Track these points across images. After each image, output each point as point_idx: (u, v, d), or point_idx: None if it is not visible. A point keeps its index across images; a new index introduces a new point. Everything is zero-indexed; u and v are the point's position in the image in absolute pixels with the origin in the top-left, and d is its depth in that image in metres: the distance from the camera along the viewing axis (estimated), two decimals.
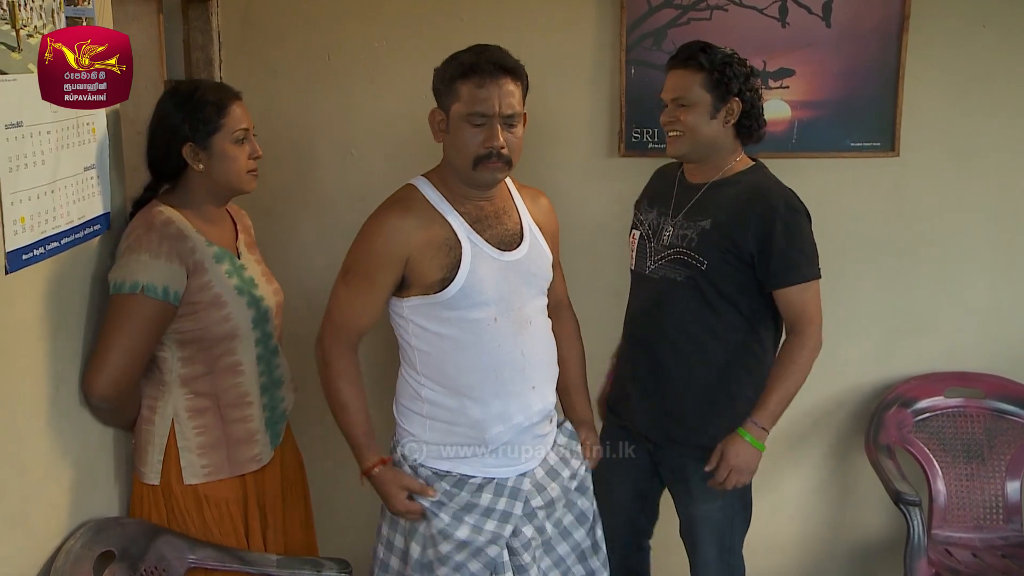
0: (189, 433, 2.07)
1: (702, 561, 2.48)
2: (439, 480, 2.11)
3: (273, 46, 2.93)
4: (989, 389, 3.02)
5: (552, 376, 2.21)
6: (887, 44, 2.86)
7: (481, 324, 2.05)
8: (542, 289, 2.17)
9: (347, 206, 2.99)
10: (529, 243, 2.14)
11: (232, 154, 2.06)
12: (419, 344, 2.10)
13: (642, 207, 2.51)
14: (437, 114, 2.07)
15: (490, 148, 2.00)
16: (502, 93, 1.99)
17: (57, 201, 1.82)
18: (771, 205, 2.25)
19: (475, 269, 2.03)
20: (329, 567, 2.18)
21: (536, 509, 2.16)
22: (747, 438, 2.26)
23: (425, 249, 2.02)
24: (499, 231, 2.10)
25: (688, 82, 2.29)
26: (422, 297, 2.05)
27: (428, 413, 2.12)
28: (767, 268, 2.25)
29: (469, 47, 2.04)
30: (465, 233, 2.05)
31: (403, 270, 2.04)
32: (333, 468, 3.08)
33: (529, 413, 2.12)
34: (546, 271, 2.18)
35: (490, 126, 1.99)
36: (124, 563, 1.94)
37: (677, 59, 2.33)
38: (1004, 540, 2.93)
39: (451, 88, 2.01)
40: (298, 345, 2.46)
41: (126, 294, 1.94)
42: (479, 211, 2.10)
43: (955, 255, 3.03)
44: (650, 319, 2.40)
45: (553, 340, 2.22)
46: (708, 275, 2.28)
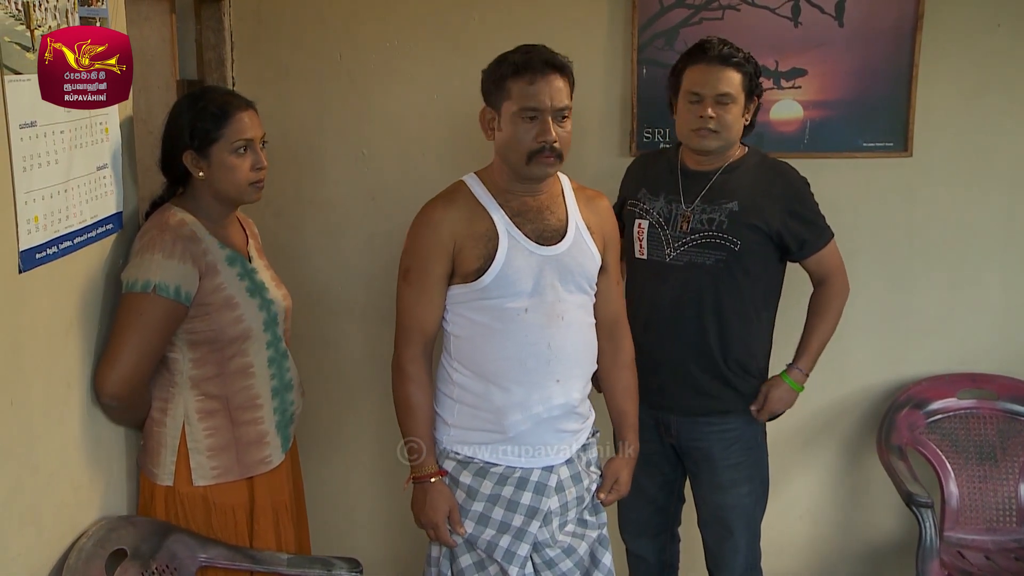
0: (199, 435, 2.07)
1: (733, 548, 2.56)
2: (463, 469, 2.16)
3: (285, 46, 2.94)
4: (1002, 390, 3.00)
5: (582, 374, 2.22)
6: (900, 44, 2.85)
7: (512, 313, 2.11)
8: (581, 286, 2.19)
9: (358, 206, 2.99)
10: (572, 240, 2.17)
11: (231, 165, 2.04)
12: (454, 330, 2.17)
13: (642, 196, 2.52)
14: (487, 113, 2.13)
15: (543, 142, 2.06)
16: (552, 89, 2.05)
17: (70, 200, 1.82)
18: (788, 181, 2.46)
19: (511, 260, 2.10)
20: (339, 566, 2.18)
21: (550, 512, 2.18)
22: (788, 381, 2.51)
23: (468, 239, 2.10)
24: (540, 225, 2.15)
25: (733, 80, 2.36)
26: (462, 286, 2.12)
27: (458, 397, 2.18)
28: (799, 238, 2.43)
29: (516, 48, 2.10)
30: (504, 226, 2.12)
31: (452, 259, 2.10)
32: (343, 471, 3.09)
33: (549, 405, 2.15)
34: (588, 270, 2.20)
35: (542, 121, 2.05)
36: (136, 561, 1.95)
37: (715, 56, 2.36)
38: (1017, 543, 2.92)
39: (502, 87, 2.07)
40: (306, 348, 2.46)
41: (138, 293, 1.94)
42: (522, 205, 2.15)
43: (968, 256, 3.01)
44: (680, 306, 2.44)
45: (591, 340, 2.24)
46: (740, 255, 2.40)
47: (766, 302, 2.51)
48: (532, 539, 2.15)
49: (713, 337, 2.44)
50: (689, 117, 2.39)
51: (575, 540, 2.23)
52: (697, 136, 2.39)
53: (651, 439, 2.57)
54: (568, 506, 2.21)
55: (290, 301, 2.27)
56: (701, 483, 2.57)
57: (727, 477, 2.52)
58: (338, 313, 3.04)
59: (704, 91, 2.36)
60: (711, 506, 2.57)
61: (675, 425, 2.52)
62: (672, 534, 2.76)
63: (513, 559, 2.13)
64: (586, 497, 2.26)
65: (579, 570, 2.23)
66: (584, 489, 2.25)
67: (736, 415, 2.51)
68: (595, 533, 2.27)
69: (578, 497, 2.23)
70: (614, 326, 2.32)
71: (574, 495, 2.21)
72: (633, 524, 2.70)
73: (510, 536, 2.14)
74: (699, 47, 2.41)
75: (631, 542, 2.72)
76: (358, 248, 3.02)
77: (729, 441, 2.51)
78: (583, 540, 2.24)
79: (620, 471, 2.33)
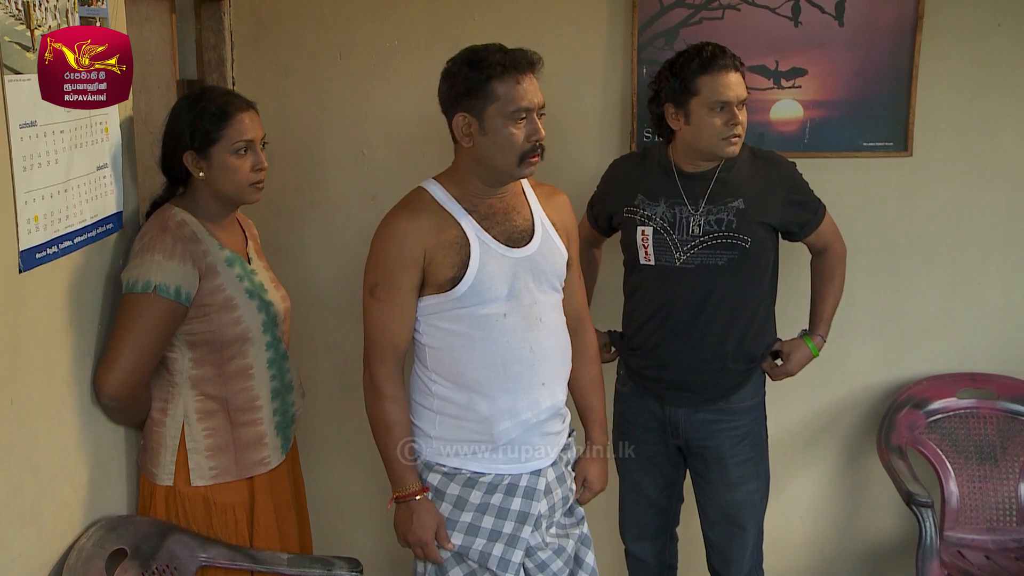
0: (198, 435, 2.07)
1: (742, 544, 2.58)
2: (450, 481, 2.12)
3: (285, 46, 2.94)
4: (1002, 390, 3.00)
5: (563, 374, 2.21)
6: (900, 43, 2.85)
7: (491, 320, 2.06)
8: (554, 285, 2.17)
9: (358, 206, 2.99)
10: (540, 239, 2.14)
11: (231, 165, 2.05)
12: (429, 341, 2.11)
13: (640, 203, 2.50)
14: (463, 120, 2.03)
15: (535, 141, 2.02)
16: (535, 87, 2.03)
17: (70, 200, 1.82)
18: (781, 169, 2.52)
19: (484, 266, 2.05)
20: (340, 566, 2.18)
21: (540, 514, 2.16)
22: (810, 345, 2.57)
23: (438, 248, 2.04)
24: (507, 228, 2.10)
25: (743, 83, 2.40)
26: (435, 296, 2.06)
27: (438, 408, 2.12)
28: (801, 220, 2.51)
29: (476, 49, 2.03)
30: (474, 231, 2.06)
31: (422, 270, 2.05)
32: (343, 470, 3.09)
33: (538, 410, 2.12)
34: (559, 268, 2.17)
35: (531, 120, 2.02)
36: (136, 561, 1.95)
37: (730, 62, 2.38)
38: (1017, 542, 2.92)
39: (485, 90, 1.99)
40: (306, 348, 2.46)
41: (138, 293, 1.95)
42: (489, 208, 2.10)
43: (968, 256, 3.01)
44: (694, 308, 2.45)
45: (567, 338, 2.22)
46: (751, 251, 2.43)
47: (771, 289, 2.56)
48: (525, 545, 2.12)
49: (728, 334, 2.46)
50: (718, 126, 2.36)
51: (562, 540, 2.22)
52: (728, 144, 2.38)
53: (655, 441, 2.57)
54: (555, 508, 2.20)
55: (289, 302, 2.27)
56: (710, 482, 2.57)
57: (737, 474, 2.53)
58: (338, 313, 3.04)
59: (732, 98, 2.36)
60: (721, 505, 2.57)
61: (684, 425, 2.52)
62: (672, 535, 2.76)
63: (508, 567, 2.10)
64: (570, 497, 2.25)
65: (568, 568, 2.22)
66: (568, 489, 2.24)
67: (741, 413, 2.51)
68: (578, 531, 2.26)
69: (564, 498, 2.22)
70: (578, 321, 2.29)
71: (560, 496, 2.21)
72: (634, 527, 2.70)
73: (502, 544, 2.11)
74: (709, 56, 2.37)
75: (632, 545, 2.72)
76: (358, 248, 3.00)
77: (738, 438, 2.52)
78: (569, 538, 2.24)
79: (587, 470, 2.30)
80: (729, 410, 2.51)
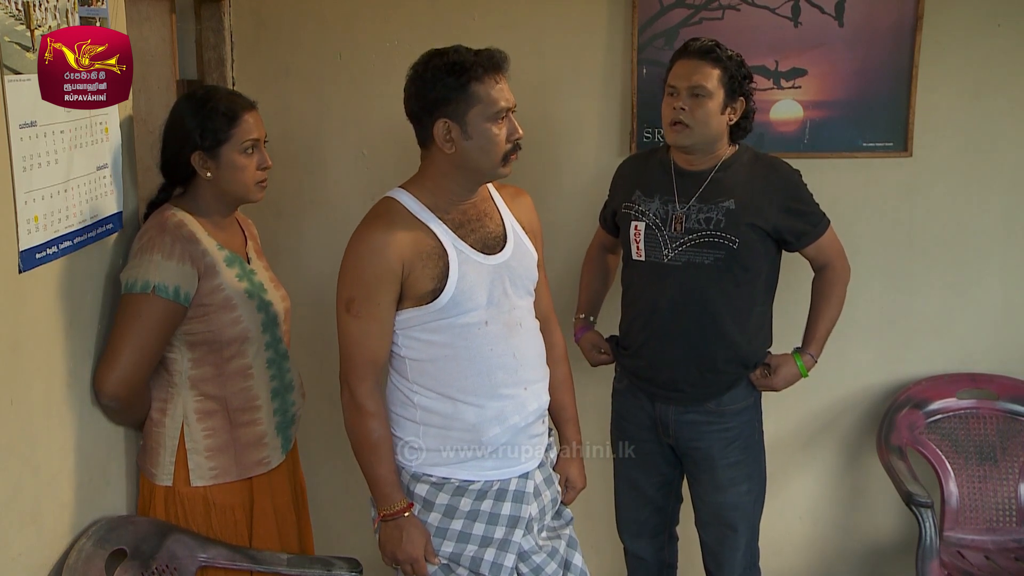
0: (198, 435, 2.07)
1: (733, 546, 2.57)
2: (438, 491, 2.09)
3: (285, 46, 2.94)
4: (1002, 391, 3.00)
5: (544, 375, 2.20)
6: (900, 43, 2.85)
7: (473, 329, 2.04)
8: (529, 290, 2.16)
9: (359, 206, 2.95)
10: (513, 244, 2.12)
11: (240, 164, 2.06)
12: (409, 353, 2.07)
13: (637, 198, 2.51)
14: (444, 126, 1.98)
15: (516, 140, 2.02)
16: (508, 85, 2.02)
17: (70, 200, 1.82)
18: (782, 175, 2.47)
19: (464, 276, 2.02)
20: (339, 566, 2.18)
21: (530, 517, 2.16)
22: (799, 364, 2.52)
23: (416, 260, 1.99)
24: (482, 234, 2.08)
25: (707, 73, 2.35)
26: (414, 309, 2.03)
27: (422, 419, 2.09)
28: (796, 231, 2.45)
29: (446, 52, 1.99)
30: (450, 240, 2.03)
31: (401, 283, 2.01)
32: (342, 471, 3.08)
33: (524, 413, 2.11)
34: (532, 271, 2.16)
35: (509, 119, 2.01)
36: (136, 561, 1.95)
37: (694, 50, 2.38)
38: (1017, 543, 2.92)
39: (465, 94, 1.96)
40: (306, 348, 2.46)
41: (137, 293, 1.95)
42: (462, 216, 2.07)
43: (968, 256, 3.01)
44: (680, 306, 2.44)
45: (542, 340, 2.21)
46: (738, 253, 2.39)
47: (765, 295, 2.52)
48: (517, 548, 2.10)
49: (716, 336, 2.44)
50: (665, 110, 2.41)
51: (555, 542, 2.21)
52: (672, 131, 2.39)
53: (649, 439, 2.58)
54: (545, 510, 2.19)
55: (289, 302, 2.27)
56: (701, 483, 2.57)
57: (727, 476, 2.52)
58: None
59: (679, 84, 2.37)
60: (712, 506, 2.57)
61: (673, 425, 2.52)
62: (671, 534, 2.76)
63: (501, 571, 2.09)
64: (558, 499, 2.25)
65: (561, 570, 2.21)
66: (556, 491, 2.23)
67: (732, 416, 2.50)
68: (567, 531, 2.25)
69: (552, 499, 2.22)
70: (547, 321, 2.27)
71: (549, 498, 2.20)
72: (632, 524, 2.71)
73: (495, 548, 2.09)
74: (684, 44, 2.43)
75: (630, 542, 2.73)
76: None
77: (728, 440, 2.51)
78: (560, 539, 2.23)
79: (568, 469, 2.30)
80: (719, 412, 2.49)
